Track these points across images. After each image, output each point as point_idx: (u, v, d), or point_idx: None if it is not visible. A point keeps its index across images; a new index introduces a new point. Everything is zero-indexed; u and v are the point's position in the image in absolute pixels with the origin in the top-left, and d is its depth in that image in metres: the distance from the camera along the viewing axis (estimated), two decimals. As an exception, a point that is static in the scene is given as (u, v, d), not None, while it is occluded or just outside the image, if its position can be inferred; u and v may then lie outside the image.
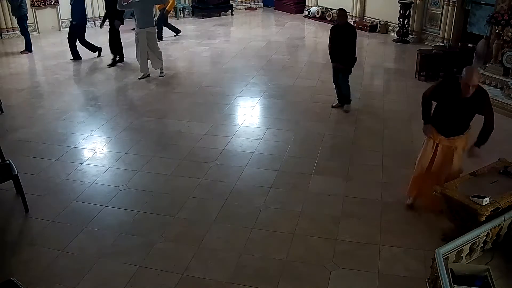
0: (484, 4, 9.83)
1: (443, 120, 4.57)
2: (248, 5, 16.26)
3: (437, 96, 4.57)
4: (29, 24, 11.13)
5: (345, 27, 7.01)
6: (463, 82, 4.23)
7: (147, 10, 8.56)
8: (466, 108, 4.38)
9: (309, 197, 5.18)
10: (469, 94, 4.24)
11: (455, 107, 4.41)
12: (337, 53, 7.10)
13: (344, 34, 6.98)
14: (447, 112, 4.51)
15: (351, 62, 7.15)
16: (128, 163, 5.90)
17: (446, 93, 4.47)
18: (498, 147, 6.14)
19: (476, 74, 4.24)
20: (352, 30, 7.05)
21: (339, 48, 7.06)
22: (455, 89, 4.33)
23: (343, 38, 6.99)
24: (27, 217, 4.87)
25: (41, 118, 7.31)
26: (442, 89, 4.52)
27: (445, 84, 4.59)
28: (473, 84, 4.18)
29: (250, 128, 6.90)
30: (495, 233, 3.92)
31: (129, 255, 4.28)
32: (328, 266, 4.14)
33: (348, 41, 7.00)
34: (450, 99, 4.43)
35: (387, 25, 12.42)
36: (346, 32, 6.98)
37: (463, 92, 4.26)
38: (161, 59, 9.05)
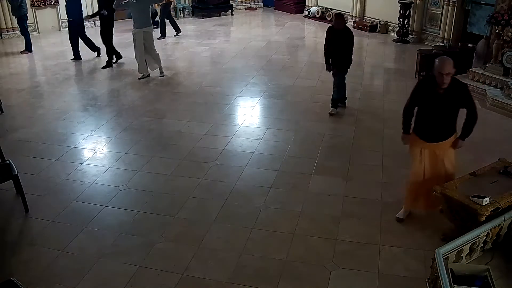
0: (484, 4, 9.82)
1: (426, 123, 4.42)
2: (248, 5, 16.26)
3: (417, 97, 4.41)
4: (29, 24, 11.13)
5: (343, 31, 6.91)
6: (436, 72, 4.13)
7: (144, 10, 8.53)
8: (446, 103, 4.23)
9: (309, 197, 5.18)
10: (445, 85, 4.12)
11: (435, 104, 4.27)
12: (333, 56, 7.06)
13: (341, 38, 6.90)
14: (428, 112, 4.36)
15: (346, 65, 7.09)
16: (128, 163, 5.90)
17: (424, 92, 4.35)
18: (498, 147, 6.16)
19: (448, 62, 4.10)
20: (349, 35, 6.93)
21: (335, 52, 7.01)
22: (432, 85, 4.23)
23: (340, 42, 6.91)
24: (27, 217, 4.87)
25: (41, 118, 7.32)
26: (420, 89, 4.40)
27: (421, 83, 4.49)
28: (446, 72, 4.05)
29: (250, 128, 6.90)
30: (495, 233, 3.92)
31: (129, 255, 4.29)
32: (328, 266, 4.14)
33: (344, 46, 6.93)
34: (429, 97, 4.30)
35: (387, 25, 12.42)
36: (343, 37, 6.89)
37: (439, 83, 4.14)
38: (158, 60, 8.99)
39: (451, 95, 4.20)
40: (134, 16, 8.64)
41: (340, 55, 7.00)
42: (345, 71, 7.19)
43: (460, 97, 4.25)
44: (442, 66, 4.07)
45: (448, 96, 4.20)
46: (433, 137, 4.40)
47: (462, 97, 4.25)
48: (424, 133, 4.44)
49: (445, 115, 4.32)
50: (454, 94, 4.20)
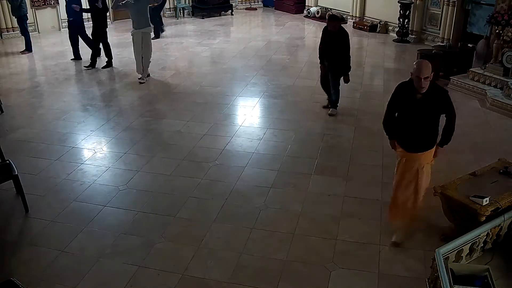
0: (484, 4, 9.82)
1: (405, 130, 4.19)
2: (248, 5, 16.26)
3: (395, 103, 4.21)
4: (29, 24, 11.13)
5: (338, 33, 6.86)
6: (414, 76, 3.93)
7: (142, 11, 8.50)
8: (424, 109, 3.99)
9: (309, 197, 5.18)
10: (423, 89, 3.91)
11: (413, 110, 4.04)
12: (328, 58, 7.02)
13: (336, 40, 6.86)
14: (407, 119, 4.14)
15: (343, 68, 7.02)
16: (128, 163, 5.90)
17: (402, 96, 4.13)
18: (498, 147, 6.16)
19: (425, 65, 3.91)
20: (345, 37, 6.87)
21: (330, 53, 6.97)
22: (410, 90, 4.02)
23: (334, 44, 6.88)
24: (27, 217, 4.87)
25: (41, 118, 7.32)
26: (398, 94, 4.17)
27: (399, 88, 4.19)
28: (424, 76, 3.85)
29: (250, 128, 6.90)
30: (495, 233, 3.93)
31: (129, 255, 4.29)
32: (328, 266, 4.14)
33: (339, 48, 6.87)
34: (406, 102, 4.08)
35: (387, 25, 12.42)
36: (338, 39, 6.85)
37: (417, 88, 3.93)
38: (146, 66, 8.87)
39: (430, 100, 3.98)
40: (133, 17, 8.64)
41: (335, 57, 6.94)
42: (341, 74, 7.09)
43: (440, 103, 4.02)
44: (420, 70, 3.88)
45: (426, 102, 3.98)
46: (412, 146, 4.17)
47: (442, 103, 4.03)
48: (404, 141, 4.23)
49: (424, 122, 4.07)
50: (433, 99, 3.99)
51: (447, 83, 8.51)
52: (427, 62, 3.97)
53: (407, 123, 4.15)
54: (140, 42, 8.58)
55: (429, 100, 3.98)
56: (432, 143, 4.17)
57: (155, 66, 9.72)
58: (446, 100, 4.04)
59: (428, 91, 3.94)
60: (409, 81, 4.08)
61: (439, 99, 4.02)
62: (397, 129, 4.28)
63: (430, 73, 3.89)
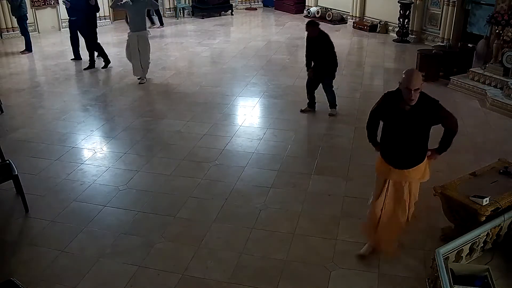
0: (484, 4, 9.82)
1: (391, 144, 3.88)
2: (248, 5, 16.26)
3: (379, 113, 3.93)
4: (29, 24, 11.13)
5: (318, 38, 6.88)
6: (403, 87, 3.61)
7: (139, 14, 8.48)
8: (413, 122, 3.68)
9: (309, 197, 5.18)
10: (413, 101, 3.60)
11: (401, 123, 3.73)
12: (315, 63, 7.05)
13: (317, 45, 6.91)
14: (394, 132, 3.82)
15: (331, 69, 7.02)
16: (128, 163, 5.90)
17: (390, 106, 3.80)
18: (498, 147, 6.16)
19: (416, 75, 3.60)
20: (325, 40, 6.88)
21: (315, 59, 7.03)
22: (398, 100, 3.70)
23: (317, 49, 6.93)
24: (27, 217, 4.87)
25: (41, 118, 7.32)
26: (384, 104, 3.87)
27: (387, 96, 3.87)
28: (414, 87, 3.53)
29: (250, 128, 6.90)
30: (495, 233, 3.93)
31: (129, 255, 4.29)
32: (328, 266, 4.14)
33: (322, 52, 6.91)
34: (393, 114, 3.76)
35: (387, 25, 12.41)
36: (319, 44, 6.89)
37: (406, 100, 3.62)
38: (146, 68, 8.80)
39: (419, 113, 3.66)
40: (130, 19, 8.66)
41: (322, 61, 6.97)
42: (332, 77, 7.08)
43: (430, 115, 3.70)
44: (410, 80, 3.55)
45: (415, 114, 3.66)
46: (399, 161, 3.85)
47: (433, 114, 3.70)
48: (390, 155, 3.92)
49: (413, 135, 3.76)
50: (423, 111, 3.67)
51: (447, 83, 8.52)
52: (418, 72, 3.69)
53: (394, 137, 3.84)
54: (136, 45, 8.52)
55: (419, 112, 3.66)
56: (421, 158, 3.87)
57: (155, 66, 9.71)
58: (439, 111, 3.73)
59: (418, 102, 3.63)
60: (396, 91, 3.76)
61: (430, 111, 3.69)
62: (382, 143, 3.99)
63: (421, 83, 3.59)
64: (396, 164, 3.87)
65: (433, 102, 3.72)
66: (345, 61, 10.12)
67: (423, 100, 3.67)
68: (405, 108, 3.67)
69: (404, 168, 3.85)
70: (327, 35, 6.97)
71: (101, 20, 12.89)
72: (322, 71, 7.03)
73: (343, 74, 9.16)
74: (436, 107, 3.71)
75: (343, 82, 8.71)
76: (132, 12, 8.46)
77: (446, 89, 8.36)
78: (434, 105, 3.71)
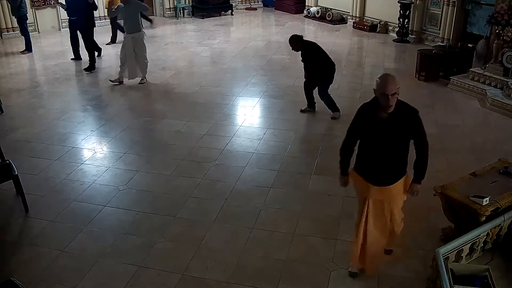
0: (484, 4, 9.82)
1: (369, 158, 3.62)
2: (248, 5, 16.26)
3: (357, 126, 3.64)
4: (29, 24, 11.14)
5: (302, 50, 6.96)
6: (378, 93, 3.39)
7: (132, 16, 8.45)
8: (391, 132, 3.42)
9: (309, 197, 5.18)
10: (390, 108, 3.36)
11: (379, 133, 3.48)
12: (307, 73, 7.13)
13: (303, 57, 7.01)
14: (371, 144, 3.55)
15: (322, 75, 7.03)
16: (128, 163, 5.90)
17: (366, 117, 3.55)
18: (498, 147, 6.16)
19: (391, 79, 3.38)
20: (308, 51, 6.94)
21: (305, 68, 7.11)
22: (375, 109, 3.49)
23: (304, 60, 7.03)
24: (27, 217, 4.87)
25: (41, 118, 7.32)
26: (361, 115, 3.61)
27: (363, 108, 3.63)
28: (391, 92, 3.31)
29: (250, 128, 6.90)
30: (495, 233, 3.93)
31: (129, 255, 4.28)
32: (328, 266, 4.14)
33: (309, 62, 6.99)
34: (370, 124, 3.50)
35: (387, 25, 12.42)
36: (304, 55, 6.99)
37: (383, 106, 3.38)
38: (144, 69, 8.76)
39: (398, 121, 3.42)
40: (124, 21, 8.67)
41: (310, 69, 7.04)
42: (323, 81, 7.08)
43: (409, 125, 3.45)
44: (385, 85, 3.34)
45: (393, 123, 3.41)
46: (378, 177, 3.59)
47: (411, 125, 3.46)
48: (367, 171, 3.65)
49: (391, 147, 3.49)
50: (402, 120, 3.43)
51: (447, 83, 8.52)
52: (392, 76, 3.45)
53: (372, 151, 3.57)
54: (131, 47, 8.48)
55: (397, 121, 3.42)
56: (401, 173, 3.63)
57: (155, 66, 9.72)
58: (415, 122, 3.47)
59: (396, 111, 3.40)
60: (372, 101, 3.53)
61: (408, 120, 3.45)
62: (359, 157, 3.73)
63: (397, 87, 3.36)
64: (375, 181, 3.60)
65: (413, 111, 3.48)
66: (345, 61, 10.13)
67: (402, 108, 3.44)
68: (383, 116, 3.43)
69: (384, 184, 3.59)
70: (311, 45, 7.02)
71: (100, 20, 12.91)
72: (314, 77, 7.09)
73: (343, 74, 9.17)
74: (415, 117, 3.47)
75: (343, 82, 8.72)
76: (125, 14, 8.45)
77: (446, 89, 8.36)
78: (413, 115, 3.47)
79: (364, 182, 3.67)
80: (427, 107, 7.56)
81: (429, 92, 8.25)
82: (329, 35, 12.35)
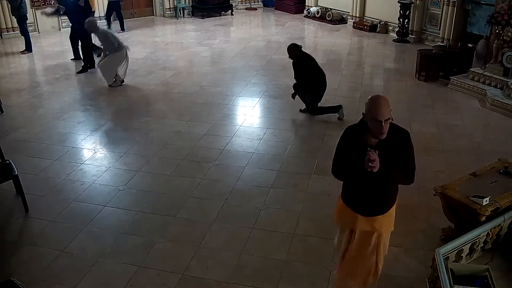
0: (484, 4, 9.83)
1: (357, 187, 3.22)
2: (248, 5, 16.26)
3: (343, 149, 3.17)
4: (29, 24, 11.14)
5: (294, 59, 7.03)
6: (369, 119, 2.94)
7: (106, 41, 8.39)
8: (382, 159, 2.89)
9: (309, 197, 5.18)
10: (383, 135, 2.95)
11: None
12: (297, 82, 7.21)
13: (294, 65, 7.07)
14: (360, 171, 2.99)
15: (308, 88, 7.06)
16: (128, 163, 5.90)
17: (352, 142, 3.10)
18: (498, 147, 6.16)
19: (384, 103, 2.91)
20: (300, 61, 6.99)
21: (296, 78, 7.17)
22: (362, 133, 3.06)
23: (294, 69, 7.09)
24: (27, 217, 4.87)
25: (41, 118, 7.32)
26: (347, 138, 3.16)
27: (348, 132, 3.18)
28: (384, 118, 2.88)
29: (250, 128, 6.90)
30: (495, 233, 3.93)
31: (129, 255, 4.28)
32: (328, 266, 4.14)
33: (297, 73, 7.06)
34: (358, 151, 2.97)
35: (387, 25, 12.42)
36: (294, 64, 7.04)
37: (375, 134, 2.97)
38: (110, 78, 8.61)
39: (388, 146, 3.00)
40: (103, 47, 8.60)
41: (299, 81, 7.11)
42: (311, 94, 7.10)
43: (399, 148, 3.04)
44: (378, 110, 2.88)
45: (384, 149, 2.96)
46: (368, 206, 3.23)
47: (402, 148, 3.05)
48: (355, 200, 3.27)
49: (381, 174, 2.99)
50: (392, 145, 3.01)
51: (447, 83, 8.52)
52: (385, 99, 2.97)
53: (361, 177, 3.09)
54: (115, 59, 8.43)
55: (387, 146, 3.00)
56: (392, 201, 3.29)
57: (155, 66, 9.73)
58: (406, 144, 3.07)
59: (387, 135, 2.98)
60: (360, 124, 3.10)
61: (398, 143, 3.05)
62: (345, 185, 3.36)
63: (390, 111, 2.94)
64: (363, 211, 3.23)
65: (404, 134, 3.09)
66: (345, 61, 10.14)
67: (392, 131, 3.00)
68: (371, 142, 3.02)
69: (373, 214, 3.24)
70: (305, 57, 7.03)
71: (101, 20, 12.91)
72: (301, 88, 7.15)
73: (343, 74, 9.18)
74: (407, 140, 3.08)
75: (343, 82, 8.73)
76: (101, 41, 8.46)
77: (446, 89, 8.36)
78: (405, 137, 3.08)
79: (351, 213, 3.28)
80: (427, 107, 7.57)
81: (429, 92, 8.25)
82: (329, 35, 12.35)
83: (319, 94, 7.12)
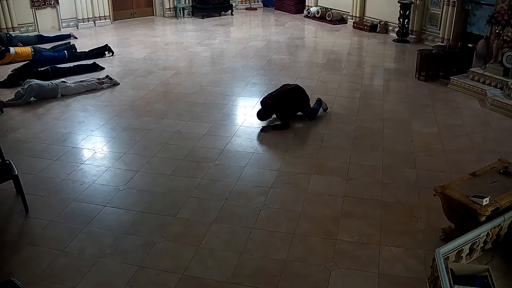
0: (484, 4, 9.82)
1: None
2: (248, 5, 16.26)
3: None
4: (29, 24, 11.10)
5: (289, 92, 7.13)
6: None
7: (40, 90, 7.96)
8: None
9: (309, 197, 5.18)
10: None
11: None
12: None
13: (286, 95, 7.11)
14: None
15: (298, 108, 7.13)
16: (128, 163, 5.90)
17: None
18: (498, 147, 6.16)
19: None
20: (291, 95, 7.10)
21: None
22: None
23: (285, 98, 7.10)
24: (27, 217, 4.87)
25: (41, 118, 7.31)
26: None
27: None
28: None
29: (250, 128, 6.90)
30: (495, 233, 3.93)
31: (129, 255, 4.29)
32: (328, 266, 4.14)
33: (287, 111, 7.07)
34: None
35: (387, 25, 12.41)
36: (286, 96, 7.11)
37: None
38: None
39: None
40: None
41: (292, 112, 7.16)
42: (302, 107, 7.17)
43: None
44: None
45: None
46: None
47: None
48: None
49: None
50: None
51: (447, 83, 8.52)
52: None
53: None
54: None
55: None
56: None
57: (155, 66, 9.72)
58: None
59: None
60: None
61: None
62: None
63: None
64: None
65: None
66: (345, 61, 10.13)
67: None
68: None
69: None
70: (282, 102, 6.98)
71: (101, 20, 12.94)
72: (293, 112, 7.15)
73: (343, 74, 9.18)
74: None
75: (343, 82, 8.72)
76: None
77: (446, 89, 8.36)
78: None
79: None
80: (427, 107, 7.57)
81: (429, 92, 8.25)
82: (329, 35, 12.35)
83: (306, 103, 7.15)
